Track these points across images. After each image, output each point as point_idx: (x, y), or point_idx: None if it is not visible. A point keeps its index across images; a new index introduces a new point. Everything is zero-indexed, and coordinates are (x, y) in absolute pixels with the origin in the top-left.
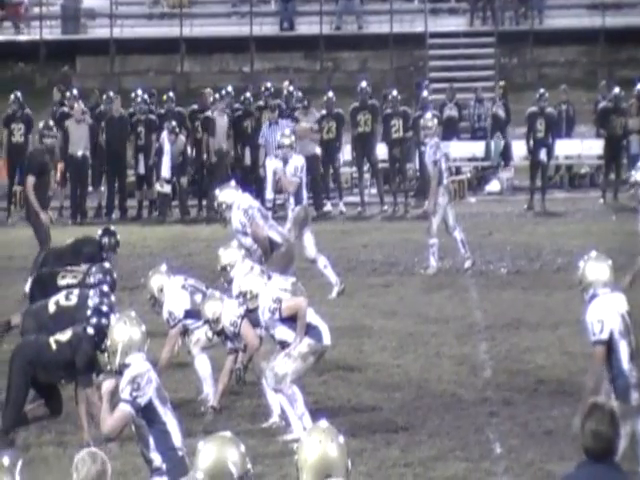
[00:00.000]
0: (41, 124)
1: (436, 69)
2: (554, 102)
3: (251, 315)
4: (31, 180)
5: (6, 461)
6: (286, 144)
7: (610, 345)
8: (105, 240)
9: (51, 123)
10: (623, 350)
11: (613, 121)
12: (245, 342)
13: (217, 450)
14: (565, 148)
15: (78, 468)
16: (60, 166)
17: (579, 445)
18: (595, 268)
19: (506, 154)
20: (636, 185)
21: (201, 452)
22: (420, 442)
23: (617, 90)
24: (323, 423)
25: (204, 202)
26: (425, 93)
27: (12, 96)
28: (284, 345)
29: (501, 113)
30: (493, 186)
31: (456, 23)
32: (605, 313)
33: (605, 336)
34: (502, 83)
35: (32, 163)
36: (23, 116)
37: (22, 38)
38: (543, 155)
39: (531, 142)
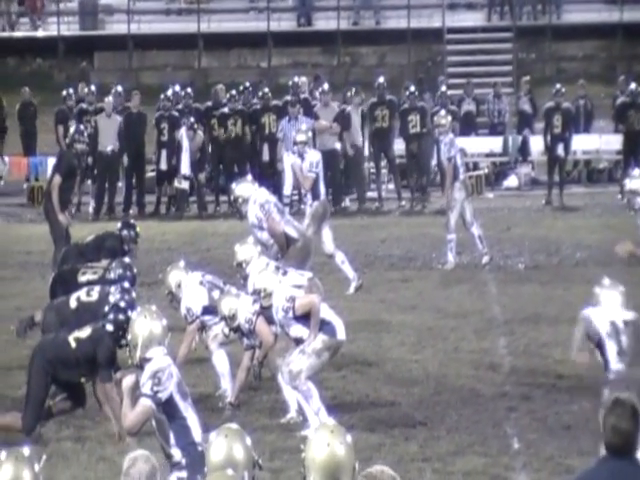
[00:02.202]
0: (72, 129)
1: (454, 64)
2: (572, 97)
3: (266, 312)
4: (58, 180)
5: (27, 452)
6: (301, 140)
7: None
8: (125, 232)
9: (82, 127)
10: (611, 350)
11: (631, 116)
12: (260, 339)
13: (225, 442)
14: (583, 143)
15: (130, 465)
16: None
17: (598, 440)
18: (608, 296)
19: (524, 149)
20: (629, 193)
21: (212, 444)
22: (439, 437)
23: (634, 85)
24: (331, 421)
25: (222, 198)
26: (444, 88)
27: (64, 92)
28: (299, 342)
29: (527, 108)
30: (511, 181)
31: (474, 18)
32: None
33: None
34: (527, 78)
35: (62, 163)
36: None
37: (40, 34)
38: (561, 150)
39: (548, 137)
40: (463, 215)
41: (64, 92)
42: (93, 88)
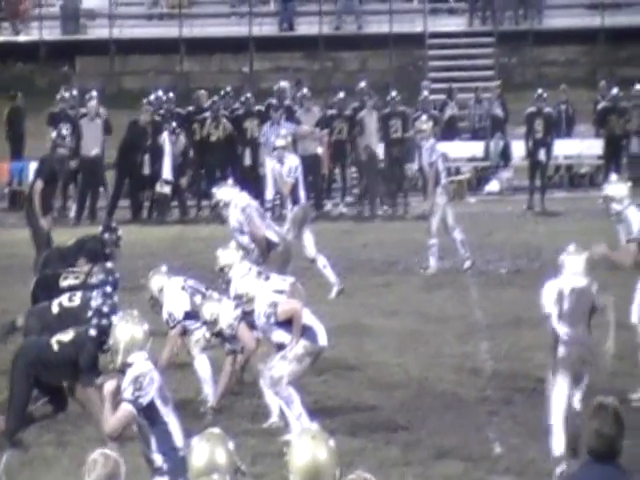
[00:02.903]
0: (54, 133)
1: (436, 69)
2: (554, 102)
3: (248, 317)
4: (39, 185)
5: None
6: (280, 145)
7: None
8: (106, 236)
9: (64, 132)
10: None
11: (612, 121)
12: (242, 344)
13: (207, 446)
14: (565, 148)
15: (90, 469)
16: None
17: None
18: (571, 261)
19: (505, 154)
20: (606, 199)
21: (194, 449)
22: (420, 441)
23: (616, 90)
24: (314, 426)
25: (203, 202)
26: (425, 93)
27: (58, 95)
28: (281, 347)
29: (499, 112)
30: (493, 186)
31: (455, 23)
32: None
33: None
34: (498, 82)
35: (44, 168)
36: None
37: (22, 38)
38: (542, 155)
39: (530, 142)
40: (445, 220)
41: (58, 95)
42: (75, 92)
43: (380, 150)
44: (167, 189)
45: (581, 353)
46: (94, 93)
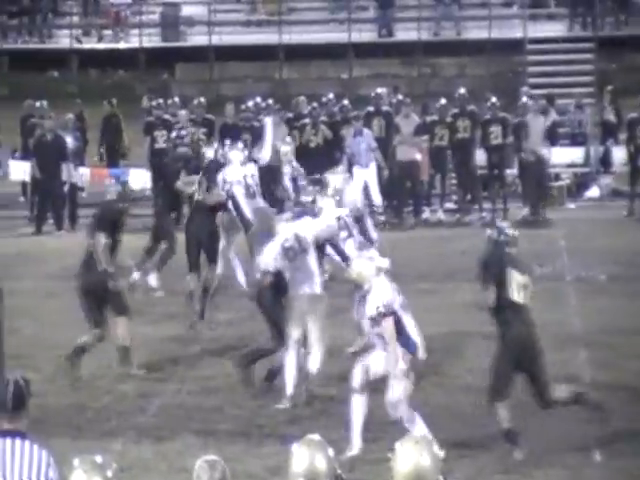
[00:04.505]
0: (174, 133)
1: (535, 75)
2: None
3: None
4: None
5: (99, 460)
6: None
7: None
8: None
9: (183, 132)
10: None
11: None
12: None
13: (307, 452)
14: None
15: (199, 476)
16: None
17: None
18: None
19: (606, 160)
20: None
21: (294, 455)
22: (517, 449)
23: None
24: (417, 432)
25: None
26: (524, 99)
27: (154, 102)
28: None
29: (612, 118)
30: (593, 192)
31: (555, 29)
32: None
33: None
34: (610, 88)
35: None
36: (165, 122)
37: (122, 46)
38: None
39: (631, 148)
40: None
41: (153, 102)
42: (176, 99)
43: (481, 156)
44: None
45: None
46: (202, 99)
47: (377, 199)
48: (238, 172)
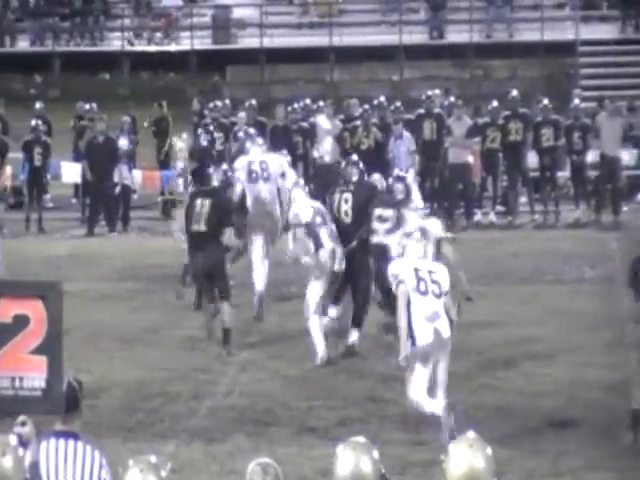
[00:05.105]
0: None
1: (587, 77)
2: None
3: None
4: None
5: (153, 460)
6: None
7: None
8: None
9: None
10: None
11: None
12: None
13: (352, 455)
14: None
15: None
16: None
17: None
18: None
19: None
20: None
21: (339, 457)
22: (570, 452)
23: None
24: (471, 434)
25: None
26: (576, 101)
27: (210, 105)
28: None
29: None
30: None
31: (607, 31)
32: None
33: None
34: None
35: None
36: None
37: (173, 48)
38: None
39: None
40: None
41: (210, 105)
42: (227, 102)
43: (533, 159)
44: None
45: None
46: (253, 102)
47: (419, 202)
48: (244, 159)
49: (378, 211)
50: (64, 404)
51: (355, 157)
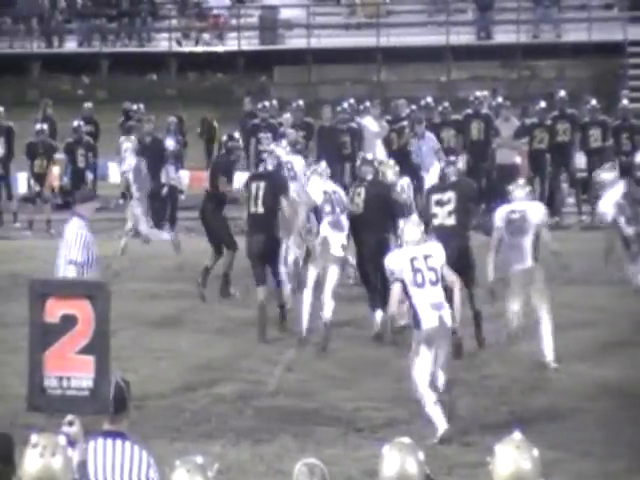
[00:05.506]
0: (224, 137)
1: (635, 78)
2: None
3: None
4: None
5: (200, 461)
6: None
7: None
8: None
9: (237, 135)
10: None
11: None
12: None
13: (398, 456)
14: None
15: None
16: None
17: None
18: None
19: None
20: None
21: (385, 458)
22: (618, 454)
23: None
24: (517, 435)
25: None
26: (625, 102)
27: (259, 105)
28: None
29: None
30: None
31: None
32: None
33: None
34: None
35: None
36: (270, 125)
37: (220, 49)
38: None
39: None
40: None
41: (259, 105)
42: (275, 102)
43: (580, 159)
44: None
45: None
46: (300, 102)
47: None
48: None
49: (435, 196)
50: (111, 404)
51: (370, 156)
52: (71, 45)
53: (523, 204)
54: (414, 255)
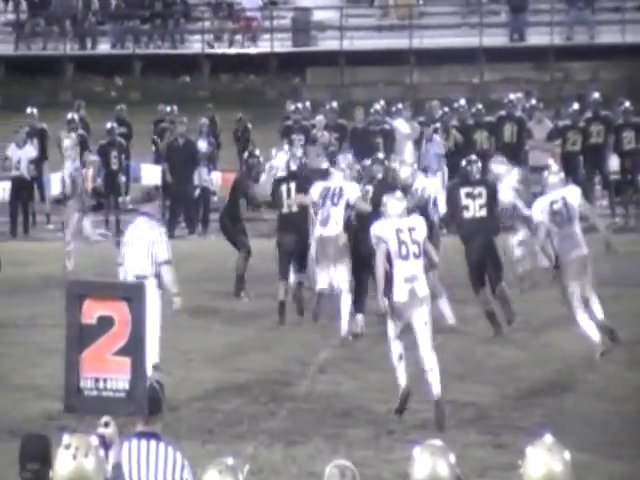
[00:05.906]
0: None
1: None
2: None
3: None
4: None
5: (230, 462)
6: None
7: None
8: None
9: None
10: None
11: None
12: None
13: (430, 459)
14: None
15: None
16: None
17: None
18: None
19: None
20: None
21: (416, 461)
22: None
23: None
24: (549, 438)
25: None
26: None
27: (292, 107)
28: None
29: None
30: None
31: None
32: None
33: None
34: None
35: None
36: (303, 127)
37: (253, 51)
38: None
39: None
40: None
41: (292, 107)
42: (308, 104)
43: (614, 161)
44: None
45: None
46: (334, 104)
47: (442, 208)
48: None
49: (465, 189)
50: (147, 405)
51: (381, 155)
52: (104, 47)
53: (560, 192)
54: (399, 227)
